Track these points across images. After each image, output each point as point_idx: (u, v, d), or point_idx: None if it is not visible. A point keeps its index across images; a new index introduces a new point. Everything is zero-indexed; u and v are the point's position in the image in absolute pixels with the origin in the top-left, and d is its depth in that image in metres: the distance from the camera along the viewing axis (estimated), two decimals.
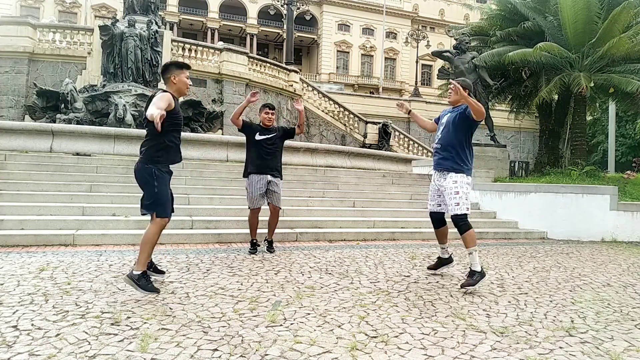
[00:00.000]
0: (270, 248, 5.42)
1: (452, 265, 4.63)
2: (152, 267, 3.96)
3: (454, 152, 4.17)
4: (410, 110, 4.66)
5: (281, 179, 5.39)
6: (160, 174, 3.56)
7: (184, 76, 3.65)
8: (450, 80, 4.54)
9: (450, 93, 4.34)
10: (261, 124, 5.34)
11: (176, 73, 3.63)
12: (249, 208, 5.27)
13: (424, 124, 4.72)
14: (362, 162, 12.24)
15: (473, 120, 4.08)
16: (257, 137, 5.24)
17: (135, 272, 3.38)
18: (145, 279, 3.35)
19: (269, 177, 5.22)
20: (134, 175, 3.65)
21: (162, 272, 4.04)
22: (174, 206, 3.90)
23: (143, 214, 3.60)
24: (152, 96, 3.58)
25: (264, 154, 5.22)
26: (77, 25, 30.16)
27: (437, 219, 4.47)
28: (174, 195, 3.84)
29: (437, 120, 4.52)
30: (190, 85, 3.76)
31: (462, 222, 4.09)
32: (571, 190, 8.46)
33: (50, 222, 5.74)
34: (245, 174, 5.29)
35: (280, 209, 5.40)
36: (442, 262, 4.61)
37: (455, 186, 4.14)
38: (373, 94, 38.72)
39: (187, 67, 3.76)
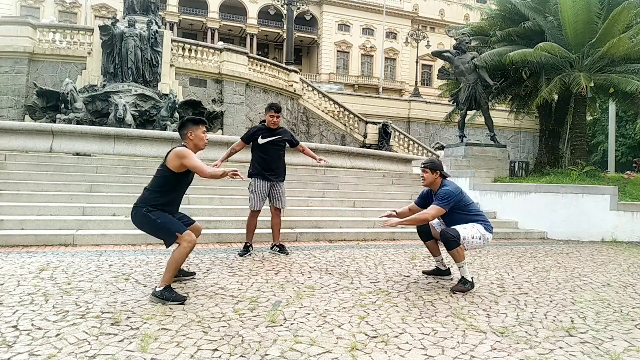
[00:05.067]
0: (283, 250, 5.34)
1: (449, 278, 4.41)
2: (182, 272, 3.95)
3: (456, 221, 4.06)
4: (397, 214, 4.25)
5: (284, 180, 5.37)
6: (153, 209, 3.47)
7: (200, 132, 3.66)
8: (421, 169, 4.20)
9: (422, 177, 4.18)
10: (267, 124, 5.23)
11: (192, 129, 3.63)
12: (250, 209, 5.24)
13: (408, 214, 4.30)
14: (362, 162, 12.23)
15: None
16: (260, 140, 5.17)
17: (158, 289, 3.31)
18: (168, 291, 3.29)
19: (273, 182, 5.21)
20: (134, 223, 3.59)
21: (193, 274, 4.04)
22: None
23: (170, 246, 3.51)
24: (171, 150, 3.57)
25: (268, 156, 5.17)
26: (77, 25, 30.12)
27: (423, 231, 4.34)
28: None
29: (422, 200, 4.35)
30: (207, 140, 3.78)
31: (452, 238, 3.90)
32: (571, 190, 8.46)
33: (50, 222, 5.74)
34: (250, 175, 5.27)
35: (283, 208, 5.35)
36: (440, 272, 4.50)
37: (473, 225, 4.04)
38: (377, 92, 38.71)
39: (204, 122, 3.77)
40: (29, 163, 7.82)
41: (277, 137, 5.22)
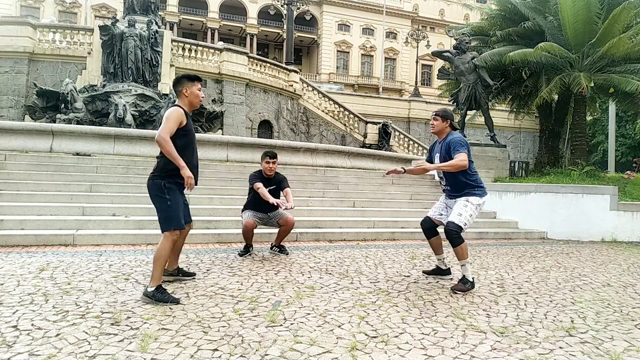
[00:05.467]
0: (283, 251, 5.34)
1: (449, 278, 4.43)
2: (181, 272, 3.95)
3: (463, 185, 4.08)
4: (404, 170, 4.29)
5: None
6: (170, 186, 3.45)
7: (195, 88, 3.62)
8: (432, 117, 4.26)
9: (432, 124, 4.23)
10: (263, 173, 5.19)
11: (188, 86, 3.60)
12: (244, 221, 5.10)
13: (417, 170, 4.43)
14: (362, 162, 12.24)
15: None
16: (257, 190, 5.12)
17: (149, 289, 3.28)
18: (160, 292, 3.26)
19: (268, 213, 5.19)
20: (148, 190, 3.55)
21: (193, 274, 4.03)
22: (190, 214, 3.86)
23: (164, 232, 3.46)
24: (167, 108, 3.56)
25: (264, 204, 5.08)
26: (77, 25, 30.12)
27: (427, 227, 4.36)
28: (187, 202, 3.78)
29: (430, 156, 4.40)
30: (202, 97, 3.72)
31: (455, 235, 3.95)
32: (571, 190, 8.46)
33: (50, 222, 5.74)
34: (244, 210, 5.24)
35: (292, 207, 5.18)
36: (440, 271, 4.50)
37: (466, 202, 4.06)
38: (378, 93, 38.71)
39: (199, 79, 3.73)
40: (29, 163, 7.82)
41: (272, 187, 5.18)
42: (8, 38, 14.87)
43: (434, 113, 4.26)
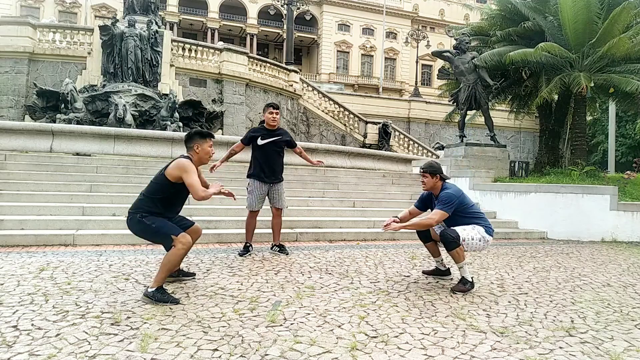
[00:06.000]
0: (283, 250, 5.35)
1: (449, 278, 4.40)
2: (181, 273, 3.94)
3: (456, 223, 4.02)
4: (399, 220, 4.22)
5: (282, 180, 5.37)
6: (147, 215, 3.42)
7: (207, 145, 3.60)
8: (420, 174, 4.17)
9: (422, 182, 4.16)
10: (265, 124, 5.25)
11: (199, 142, 3.58)
12: (247, 209, 5.23)
13: (410, 218, 4.35)
14: (362, 162, 12.23)
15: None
16: (260, 141, 5.17)
17: (150, 290, 3.28)
18: (160, 292, 3.26)
19: (271, 183, 5.20)
20: (130, 230, 3.53)
21: (192, 274, 4.02)
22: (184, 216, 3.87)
23: (170, 248, 3.44)
24: (172, 160, 3.53)
25: (268, 157, 5.16)
26: (77, 25, 30.12)
27: (421, 233, 4.31)
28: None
29: (422, 203, 4.34)
30: (213, 153, 3.70)
31: (451, 239, 3.88)
32: (571, 190, 8.46)
33: (50, 222, 5.74)
34: (249, 176, 5.27)
35: (285, 208, 5.33)
36: (440, 272, 4.49)
37: (474, 226, 4.02)
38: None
39: (212, 136, 3.69)
40: (29, 163, 7.82)
41: (276, 137, 5.22)
42: (8, 38, 14.87)
43: (421, 170, 4.13)
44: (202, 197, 3.38)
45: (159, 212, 3.47)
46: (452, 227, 4.00)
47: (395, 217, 4.27)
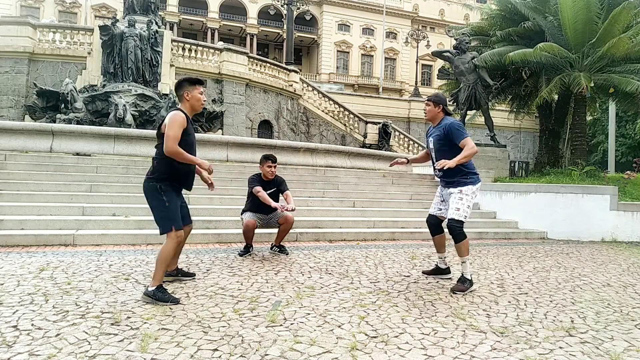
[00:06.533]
0: (284, 251, 5.34)
1: (449, 277, 4.44)
2: (181, 273, 3.94)
3: (456, 170, 4.02)
4: (408, 160, 4.50)
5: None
6: (167, 188, 3.42)
7: (197, 92, 3.57)
8: (425, 102, 4.29)
9: (424, 110, 4.23)
10: (262, 176, 5.22)
11: (189, 89, 3.55)
12: (243, 221, 5.12)
13: (420, 159, 4.64)
14: (362, 162, 12.23)
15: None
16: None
17: (150, 289, 3.28)
18: (160, 292, 3.26)
19: (268, 214, 5.19)
20: (143, 192, 3.53)
21: (192, 275, 4.02)
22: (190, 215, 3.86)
23: (163, 234, 3.44)
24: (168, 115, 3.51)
25: (264, 207, 5.11)
26: (77, 25, 30.12)
27: (432, 223, 4.36)
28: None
29: (427, 142, 4.38)
30: (204, 100, 3.68)
31: (458, 230, 3.98)
32: (571, 190, 8.46)
33: (50, 222, 5.74)
34: (244, 211, 5.24)
35: (294, 209, 5.14)
36: (439, 271, 4.51)
37: (460, 195, 4.06)
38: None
39: (200, 82, 3.66)
40: (29, 163, 7.82)
41: (273, 190, 5.21)
42: (8, 38, 14.88)
43: (427, 98, 4.25)
44: (173, 152, 3.30)
45: (173, 173, 3.43)
46: (450, 217, 4.02)
47: (406, 157, 4.40)
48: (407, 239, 6.99)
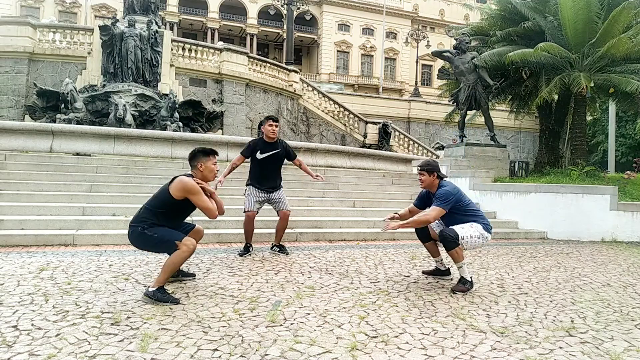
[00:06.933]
0: (284, 250, 5.35)
1: (449, 278, 4.40)
2: (181, 273, 3.93)
3: (464, 222, 4.03)
4: (401, 225, 4.06)
5: (281, 187, 5.35)
6: (149, 227, 3.40)
7: (210, 163, 3.58)
8: (418, 172, 4.20)
9: (420, 180, 4.17)
10: (264, 137, 5.21)
11: (203, 160, 3.55)
12: (245, 211, 5.18)
13: (407, 215, 4.31)
14: (362, 162, 12.23)
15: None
16: (259, 155, 5.14)
17: (151, 289, 3.27)
18: (161, 292, 3.26)
19: (269, 192, 5.20)
20: (131, 243, 3.52)
21: (192, 275, 4.01)
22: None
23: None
24: (174, 178, 3.49)
25: (267, 171, 5.15)
26: (77, 25, 30.12)
27: (420, 233, 4.31)
28: None
29: (421, 201, 4.35)
30: (217, 170, 3.68)
31: (450, 239, 3.89)
32: (571, 190, 8.46)
33: (50, 222, 5.74)
34: (247, 183, 5.26)
35: (290, 211, 5.31)
36: (439, 272, 4.49)
37: (472, 224, 4.02)
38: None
39: (214, 153, 3.65)
40: (29, 163, 7.82)
41: (275, 151, 5.19)
42: (8, 38, 14.87)
43: (419, 168, 4.17)
44: (217, 216, 3.50)
45: (162, 225, 3.44)
46: (450, 227, 4.00)
47: (396, 212, 4.29)
48: (407, 239, 6.98)
